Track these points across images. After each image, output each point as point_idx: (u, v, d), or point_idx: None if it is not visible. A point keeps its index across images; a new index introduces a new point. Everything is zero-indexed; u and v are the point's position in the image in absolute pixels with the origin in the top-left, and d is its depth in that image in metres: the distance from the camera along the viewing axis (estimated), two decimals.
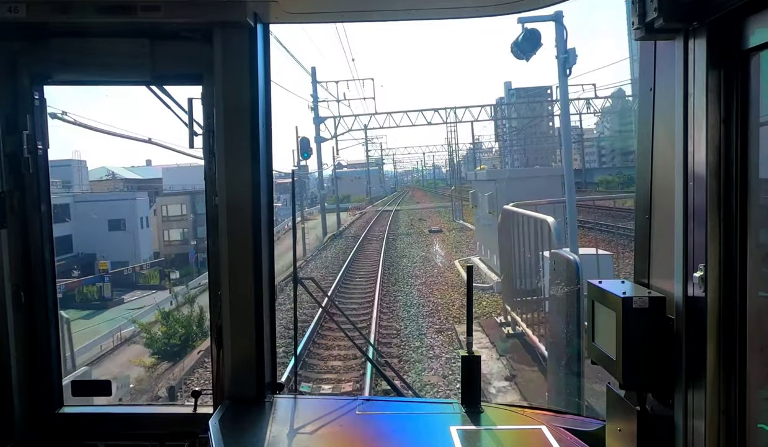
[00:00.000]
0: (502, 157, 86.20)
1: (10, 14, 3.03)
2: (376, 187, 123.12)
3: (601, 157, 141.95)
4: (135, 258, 51.63)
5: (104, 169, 73.65)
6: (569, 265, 5.16)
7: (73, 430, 3.63)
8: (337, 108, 46.29)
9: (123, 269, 47.41)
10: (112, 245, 48.69)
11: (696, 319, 2.21)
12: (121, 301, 39.83)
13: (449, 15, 3.53)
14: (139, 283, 46.76)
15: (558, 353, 5.37)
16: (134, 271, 48.93)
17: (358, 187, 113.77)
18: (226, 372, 3.43)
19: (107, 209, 50.10)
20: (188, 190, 61.86)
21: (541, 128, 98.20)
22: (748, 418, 2.13)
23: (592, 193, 62.37)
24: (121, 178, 72.53)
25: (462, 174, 68.45)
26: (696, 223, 2.20)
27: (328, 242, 41.22)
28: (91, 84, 3.82)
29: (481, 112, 51.83)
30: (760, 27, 1.97)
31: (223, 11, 3.15)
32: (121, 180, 71.69)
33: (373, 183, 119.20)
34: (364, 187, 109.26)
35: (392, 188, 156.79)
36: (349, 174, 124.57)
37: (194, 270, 47.87)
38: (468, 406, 3.28)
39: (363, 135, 70.11)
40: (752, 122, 2.07)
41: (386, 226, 48.59)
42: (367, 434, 3.16)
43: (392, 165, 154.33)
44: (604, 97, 59.24)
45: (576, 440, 2.90)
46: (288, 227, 32.47)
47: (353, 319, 11.55)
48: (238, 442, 2.97)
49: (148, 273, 48.69)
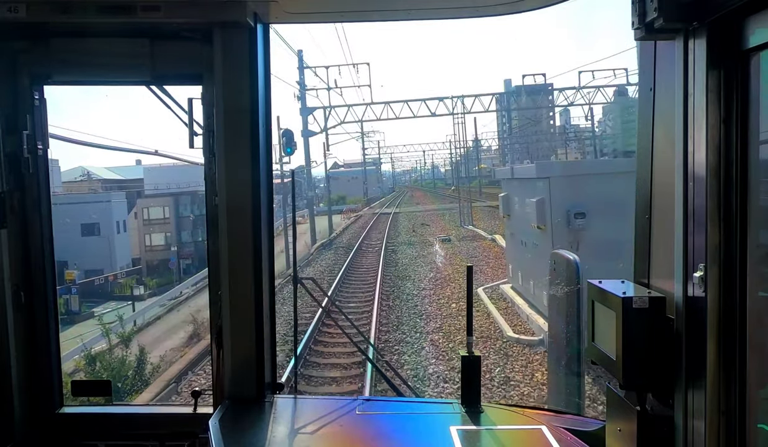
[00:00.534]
0: (501, 155, 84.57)
1: (10, 14, 3.03)
2: (373, 187, 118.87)
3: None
4: (111, 265, 48.62)
5: (81, 168, 68.63)
6: (569, 265, 5.15)
7: (73, 430, 3.63)
8: (328, 97, 41.72)
9: (95, 278, 44.45)
10: (86, 252, 44.91)
11: (696, 319, 2.21)
12: (91, 314, 34.31)
13: (449, 15, 3.53)
14: (114, 293, 43.55)
15: (558, 353, 5.36)
16: (107, 281, 45.81)
17: (355, 188, 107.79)
18: (226, 372, 3.42)
19: (80, 213, 46.05)
20: (172, 191, 58.98)
21: (542, 127, 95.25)
22: (748, 418, 2.13)
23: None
24: (98, 178, 68.18)
25: (462, 173, 65.02)
26: (696, 223, 2.20)
27: (315, 255, 34.08)
28: (91, 84, 3.83)
29: (492, 101, 47.62)
30: (760, 27, 1.97)
31: (223, 11, 3.15)
32: (99, 181, 67.44)
33: (371, 183, 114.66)
34: (360, 187, 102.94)
35: (390, 188, 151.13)
36: (345, 174, 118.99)
37: (174, 278, 45.09)
38: (468, 406, 3.28)
39: (357, 128, 65.14)
40: (752, 122, 2.07)
41: (384, 233, 41.45)
42: (367, 434, 3.16)
43: (390, 164, 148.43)
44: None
45: (576, 440, 2.90)
46: (282, 229, 29.26)
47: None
48: (238, 442, 2.97)
49: (124, 282, 45.58)
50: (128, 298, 40.17)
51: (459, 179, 64.16)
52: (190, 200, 58.65)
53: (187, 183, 56.41)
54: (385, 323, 16.55)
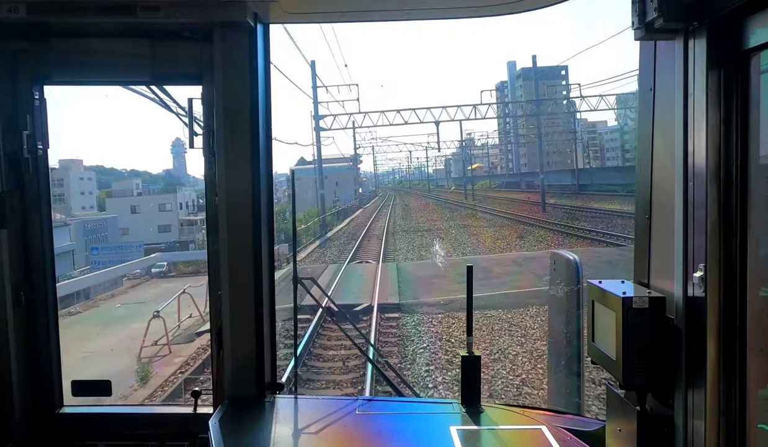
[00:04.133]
0: (504, 154, 75.80)
1: (10, 14, 3.03)
2: (346, 191, 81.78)
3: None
4: None
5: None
6: (569, 264, 5.15)
7: (73, 430, 3.63)
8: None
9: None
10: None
11: (696, 319, 2.21)
12: None
13: (449, 15, 3.53)
14: None
15: (558, 353, 5.37)
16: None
17: (316, 193, 55.85)
18: (226, 372, 3.43)
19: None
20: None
21: (555, 119, 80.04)
22: (748, 419, 2.13)
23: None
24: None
25: (453, 173, 56.02)
26: (696, 223, 2.20)
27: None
28: (91, 84, 3.82)
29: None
30: (760, 27, 1.97)
31: (223, 11, 3.15)
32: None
33: (344, 185, 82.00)
34: (328, 191, 60.13)
35: (372, 192, 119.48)
36: (305, 173, 66.15)
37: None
38: (468, 406, 3.29)
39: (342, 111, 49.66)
40: (752, 122, 2.08)
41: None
42: (367, 434, 3.16)
43: (372, 162, 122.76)
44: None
45: (576, 440, 2.90)
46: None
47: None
48: (238, 443, 2.97)
49: None
50: None
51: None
52: None
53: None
54: None
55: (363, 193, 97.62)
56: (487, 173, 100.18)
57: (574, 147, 77.79)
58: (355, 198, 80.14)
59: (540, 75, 64.36)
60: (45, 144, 3.56)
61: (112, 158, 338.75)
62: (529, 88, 63.49)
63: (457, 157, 63.12)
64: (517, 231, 38.09)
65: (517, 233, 37.19)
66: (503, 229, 39.60)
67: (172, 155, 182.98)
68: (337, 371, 13.77)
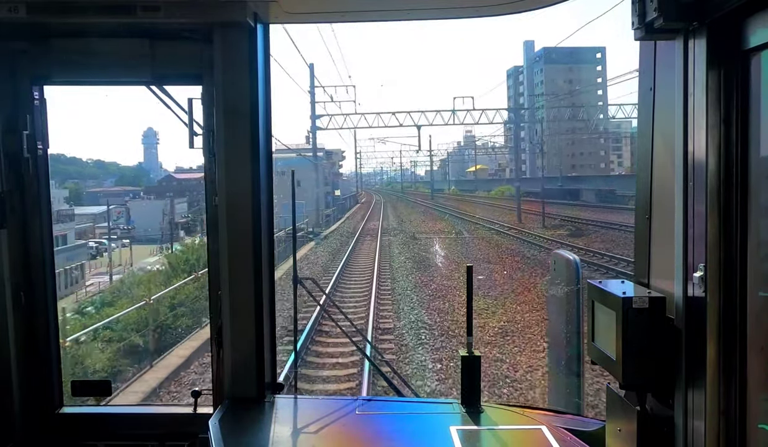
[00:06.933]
0: (517, 156, 56.53)
1: (10, 14, 3.03)
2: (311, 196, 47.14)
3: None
4: None
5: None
6: (569, 264, 5.15)
7: (72, 430, 3.63)
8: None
9: None
10: None
11: (696, 319, 2.21)
12: None
13: (449, 15, 3.53)
14: None
15: (558, 353, 5.37)
16: None
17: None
18: (226, 372, 3.42)
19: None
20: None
21: (584, 113, 61.12)
22: (748, 419, 2.13)
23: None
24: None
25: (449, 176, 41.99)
26: (696, 223, 2.20)
27: None
28: (91, 84, 3.82)
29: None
30: (760, 27, 1.97)
31: (223, 11, 3.15)
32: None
33: (306, 188, 45.35)
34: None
35: (351, 196, 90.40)
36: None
37: None
38: (468, 406, 3.28)
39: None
40: (752, 122, 2.07)
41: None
42: (367, 434, 3.16)
43: (354, 161, 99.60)
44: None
45: (576, 440, 2.90)
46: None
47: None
48: (238, 442, 2.97)
49: None
50: None
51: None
52: None
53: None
54: None
55: (341, 196, 74.91)
56: (494, 176, 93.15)
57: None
58: (326, 207, 54.10)
59: (567, 58, 50.26)
60: (45, 144, 3.56)
61: (76, 148, 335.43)
62: (552, 73, 51.06)
63: (456, 158, 54.05)
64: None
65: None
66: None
67: (144, 146, 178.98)
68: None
